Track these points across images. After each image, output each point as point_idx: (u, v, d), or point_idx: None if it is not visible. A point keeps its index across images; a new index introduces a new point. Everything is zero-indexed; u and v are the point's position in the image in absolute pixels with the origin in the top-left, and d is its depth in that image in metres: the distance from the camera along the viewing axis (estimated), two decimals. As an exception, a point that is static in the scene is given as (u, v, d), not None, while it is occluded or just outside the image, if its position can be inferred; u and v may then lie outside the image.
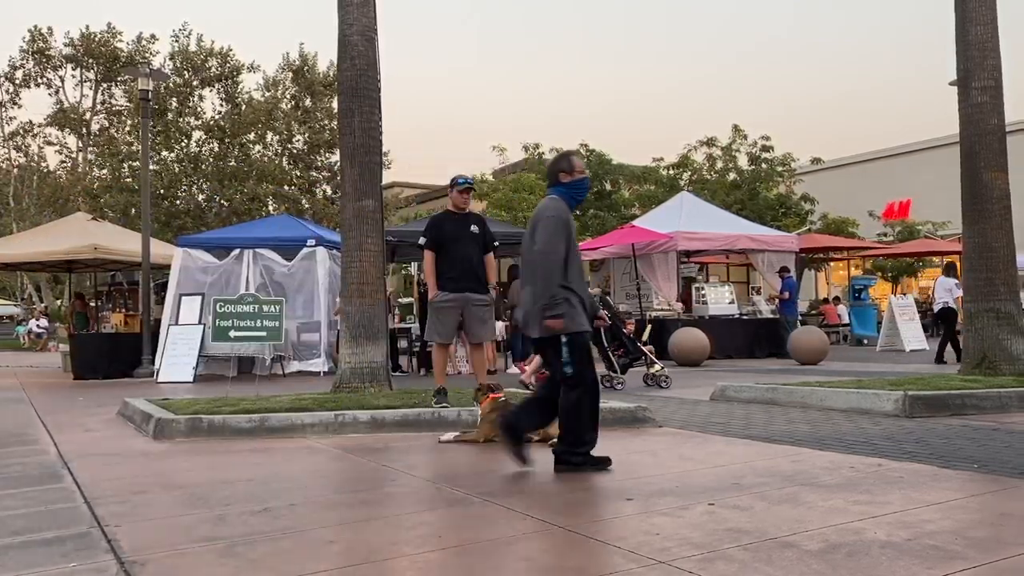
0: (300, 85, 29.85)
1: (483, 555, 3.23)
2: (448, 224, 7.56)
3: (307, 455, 5.67)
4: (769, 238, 18.35)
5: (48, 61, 30.28)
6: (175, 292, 13.93)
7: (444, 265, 7.43)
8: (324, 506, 4.13)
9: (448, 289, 7.38)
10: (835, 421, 6.87)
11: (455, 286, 7.38)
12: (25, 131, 31.66)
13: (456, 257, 7.41)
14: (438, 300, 7.41)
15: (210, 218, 27.36)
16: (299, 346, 14.04)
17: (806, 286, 27.74)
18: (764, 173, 28.92)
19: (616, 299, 19.52)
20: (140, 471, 5.17)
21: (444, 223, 7.59)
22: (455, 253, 7.42)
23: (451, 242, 7.45)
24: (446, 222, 7.59)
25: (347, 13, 8.73)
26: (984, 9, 9.03)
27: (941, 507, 3.90)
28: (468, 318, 7.51)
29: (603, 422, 6.67)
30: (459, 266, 7.41)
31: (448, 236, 7.47)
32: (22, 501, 4.37)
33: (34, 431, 7.29)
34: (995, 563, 2.99)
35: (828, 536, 3.38)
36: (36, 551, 3.41)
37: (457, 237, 7.46)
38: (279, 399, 7.71)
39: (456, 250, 7.44)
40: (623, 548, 3.25)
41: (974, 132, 9.02)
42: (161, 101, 26.82)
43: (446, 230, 7.51)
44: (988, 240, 8.91)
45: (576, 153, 5.28)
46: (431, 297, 7.51)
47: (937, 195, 26.71)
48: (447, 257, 7.43)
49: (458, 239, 7.46)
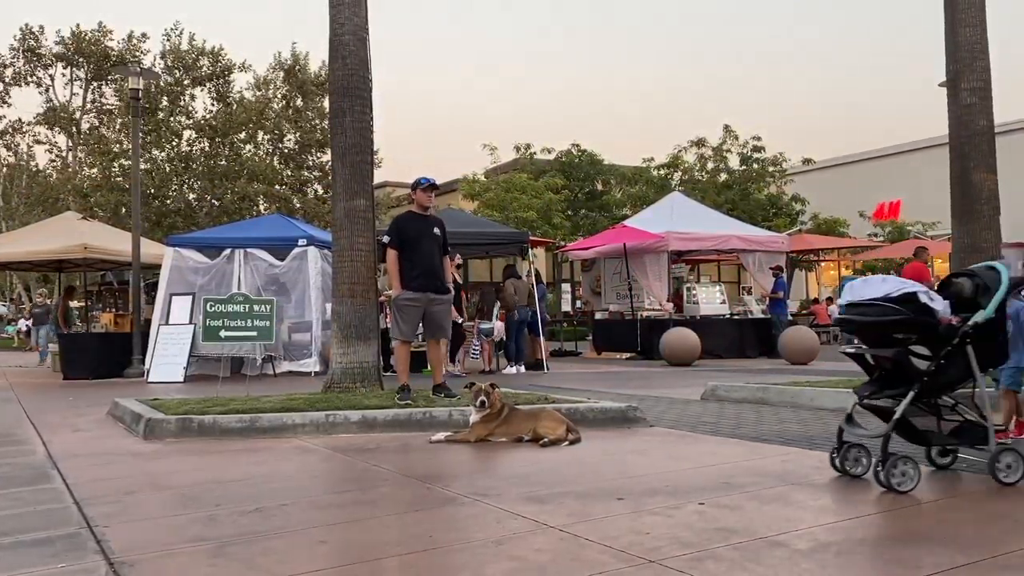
0: (291, 84, 29.79)
1: (474, 555, 3.24)
2: (412, 224, 7.81)
3: (298, 455, 5.66)
4: (760, 238, 18.41)
5: (38, 59, 30.12)
6: (165, 292, 13.86)
7: (407, 264, 7.68)
8: (315, 506, 4.13)
9: (412, 288, 7.65)
10: (825, 421, 6.90)
11: (418, 284, 7.65)
12: (15, 129, 31.49)
13: (418, 256, 7.69)
14: (402, 298, 7.65)
15: (201, 217, 27.26)
16: (290, 346, 14.00)
17: (796, 286, 27.82)
18: (755, 173, 29.01)
19: (607, 299, 19.57)
20: (130, 471, 5.15)
21: (408, 223, 7.83)
22: (418, 252, 7.70)
23: (414, 241, 7.70)
24: (410, 222, 7.84)
25: (339, 13, 8.71)
26: (973, 11, 9.06)
27: (932, 506, 3.93)
28: (428, 316, 7.80)
29: (594, 421, 6.72)
30: (421, 265, 7.69)
31: (411, 235, 7.72)
32: (11, 502, 4.35)
33: (23, 431, 7.25)
34: (987, 561, 3.01)
35: (817, 535, 3.40)
36: (25, 552, 3.40)
37: (420, 237, 7.75)
38: (270, 399, 7.70)
39: (419, 249, 7.70)
40: (614, 547, 3.26)
41: (963, 133, 9.06)
42: (152, 100, 26.72)
43: (410, 229, 7.75)
44: (977, 240, 8.95)
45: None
46: (395, 295, 7.73)
47: (927, 196, 26.84)
48: (410, 256, 7.68)
49: (421, 239, 7.75)
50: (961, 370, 4.20)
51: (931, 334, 4.15)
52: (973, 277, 4.35)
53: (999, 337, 4.28)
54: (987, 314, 4.14)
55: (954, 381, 4.27)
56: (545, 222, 25.34)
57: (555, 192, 26.64)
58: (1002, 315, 4.24)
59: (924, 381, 4.15)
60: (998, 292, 4.17)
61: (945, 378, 4.22)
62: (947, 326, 4.15)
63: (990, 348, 4.25)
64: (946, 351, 4.14)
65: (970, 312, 4.19)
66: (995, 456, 4.16)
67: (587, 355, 18.44)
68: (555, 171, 28.50)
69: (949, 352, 4.15)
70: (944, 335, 4.14)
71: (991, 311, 4.15)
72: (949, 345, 4.14)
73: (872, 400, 4.38)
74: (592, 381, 11.54)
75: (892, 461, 4.03)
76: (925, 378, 4.15)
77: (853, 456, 4.43)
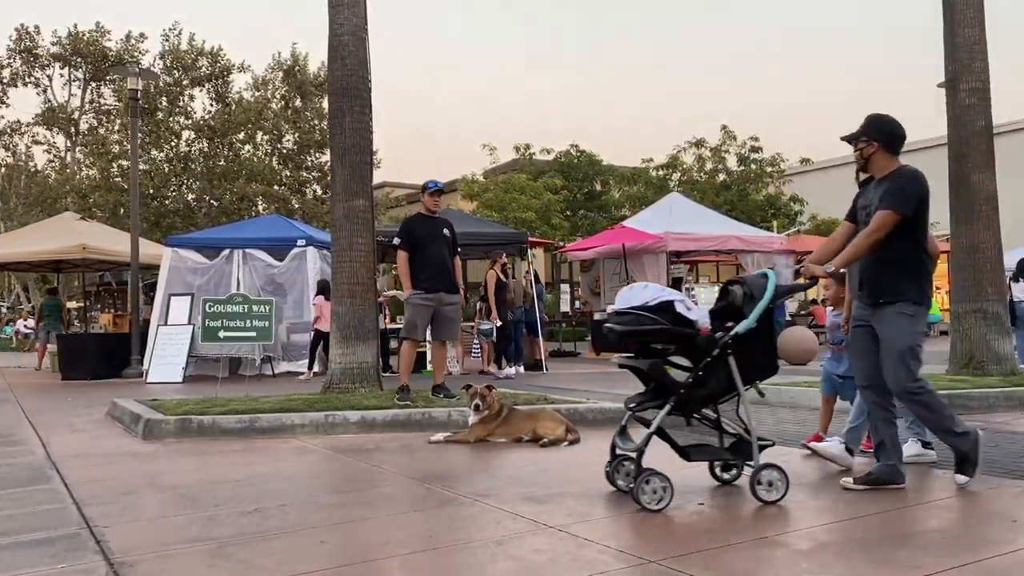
0: (291, 85, 29.77)
1: (473, 555, 3.24)
2: (421, 226, 7.94)
3: (297, 456, 5.66)
4: (758, 239, 18.43)
5: (36, 60, 30.08)
6: (164, 292, 13.86)
7: (418, 265, 7.77)
8: (315, 506, 4.13)
9: (423, 288, 7.73)
10: (824, 421, 6.89)
11: (429, 285, 7.73)
12: (12, 130, 31.45)
13: (429, 257, 7.79)
14: (415, 298, 7.72)
15: (199, 218, 27.23)
16: (289, 346, 14.00)
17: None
18: (753, 174, 29.02)
19: (606, 299, 19.56)
20: (129, 472, 5.15)
21: (417, 225, 7.97)
22: (428, 254, 7.81)
23: (424, 243, 7.81)
24: (419, 224, 7.98)
25: (338, 13, 8.71)
26: (972, 12, 9.08)
27: (929, 506, 3.93)
28: (438, 317, 7.87)
29: (594, 422, 6.73)
30: (432, 266, 7.79)
31: (421, 237, 7.83)
32: (10, 502, 4.35)
33: (22, 432, 7.25)
34: (982, 562, 3.01)
35: (817, 535, 3.40)
36: (25, 552, 3.40)
37: (430, 238, 7.87)
38: (269, 399, 7.70)
39: (429, 251, 7.80)
40: (613, 547, 3.27)
41: (962, 134, 9.08)
42: (151, 100, 26.68)
43: (420, 231, 7.88)
44: (975, 241, 8.97)
45: None
46: (407, 295, 7.82)
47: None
48: (421, 257, 7.77)
49: (431, 240, 7.86)
50: (723, 382, 3.98)
51: (690, 344, 3.98)
52: (743, 285, 4.13)
53: (767, 347, 4.07)
54: (747, 324, 3.95)
55: (715, 393, 4.04)
56: (544, 222, 25.34)
57: (554, 192, 26.64)
58: (768, 324, 4.03)
59: (680, 393, 3.95)
60: (761, 301, 3.97)
61: (705, 390, 4.00)
62: (705, 337, 3.97)
63: (757, 359, 4.03)
64: (705, 362, 3.95)
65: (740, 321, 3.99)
66: (756, 472, 3.92)
67: (586, 355, 18.44)
68: (554, 171, 28.51)
69: (709, 364, 3.95)
70: (702, 346, 3.96)
71: (752, 320, 3.96)
72: (709, 356, 3.95)
73: (638, 412, 4.10)
74: (591, 381, 11.53)
75: (644, 477, 3.83)
76: (681, 390, 3.95)
77: (624, 470, 4.20)
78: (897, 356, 4.05)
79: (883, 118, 4.35)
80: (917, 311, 4.11)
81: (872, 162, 4.32)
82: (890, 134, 4.29)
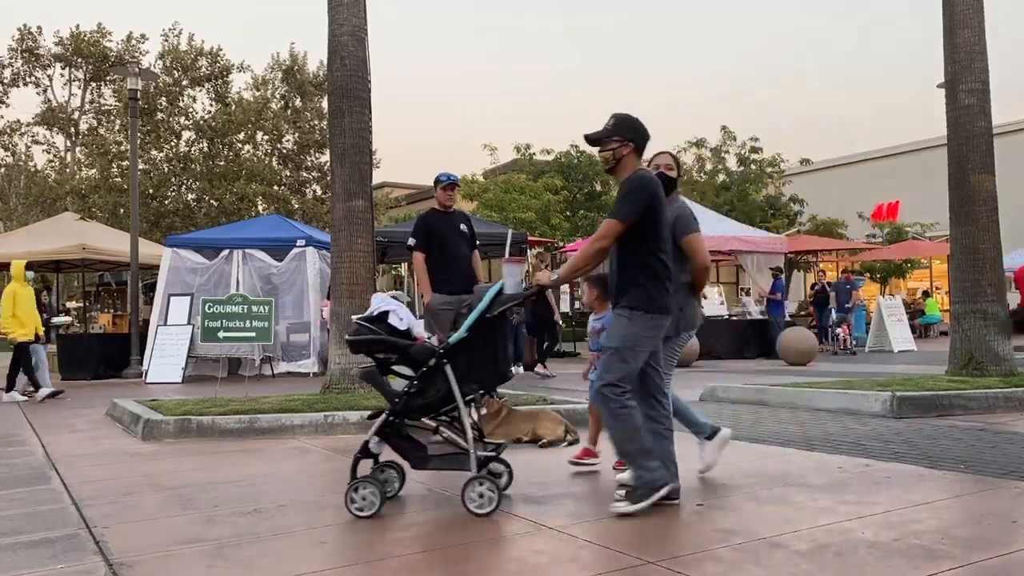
0: (290, 85, 29.77)
1: (473, 556, 3.24)
2: (437, 223, 7.28)
3: (297, 456, 5.66)
4: (758, 239, 18.43)
5: (37, 60, 30.10)
6: (164, 292, 13.86)
7: (437, 266, 7.15)
8: (314, 507, 4.13)
9: (444, 291, 7.06)
10: (823, 422, 6.91)
11: (451, 288, 7.06)
12: (12, 130, 31.45)
13: (448, 258, 7.15)
14: (436, 303, 7.07)
15: (199, 218, 27.23)
16: (288, 347, 14.00)
17: (795, 288, 27.84)
18: (753, 174, 29.02)
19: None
20: (129, 472, 5.15)
21: (432, 222, 7.30)
22: (447, 253, 7.16)
23: (442, 242, 7.18)
24: (434, 221, 7.31)
25: (337, 13, 8.71)
26: (972, 13, 9.08)
27: (928, 507, 3.93)
28: (459, 319, 7.40)
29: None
30: (453, 267, 7.15)
31: (438, 236, 7.20)
32: (9, 503, 4.35)
33: (21, 432, 7.25)
34: (981, 563, 3.01)
35: (816, 536, 3.40)
36: (24, 553, 3.40)
37: (447, 237, 7.20)
38: (268, 400, 7.69)
39: (448, 250, 7.18)
40: (612, 548, 3.26)
41: (962, 135, 9.08)
42: (151, 100, 26.69)
43: (436, 230, 7.23)
44: (975, 242, 8.96)
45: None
46: (427, 300, 7.16)
47: (925, 196, 26.87)
48: (440, 258, 7.16)
49: (449, 239, 7.19)
50: (443, 392, 4.01)
51: (406, 354, 4.05)
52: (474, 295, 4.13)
53: (486, 357, 4.07)
54: (458, 335, 4.00)
55: (434, 403, 4.05)
56: (544, 223, 25.34)
57: (554, 193, 26.64)
58: (488, 335, 4.04)
59: (395, 403, 3.99)
60: (475, 311, 4.01)
61: (422, 399, 4.03)
62: (419, 347, 4.04)
63: (476, 369, 4.05)
64: (422, 372, 4.00)
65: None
66: (466, 484, 3.89)
67: (586, 356, 18.45)
68: (554, 172, 28.51)
69: (425, 373, 4.00)
70: (416, 356, 4.02)
71: (463, 331, 4.00)
72: (424, 366, 4.00)
73: (370, 419, 4.18)
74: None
75: (353, 485, 3.88)
76: (396, 399, 3.99)
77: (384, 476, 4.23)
78: (608, 353, 4.01)
79: (633, 117, 4.13)
80: (634, 315, 3.96)
81: (623, 164, 4.08)
82: (642, 135, 4.09)
